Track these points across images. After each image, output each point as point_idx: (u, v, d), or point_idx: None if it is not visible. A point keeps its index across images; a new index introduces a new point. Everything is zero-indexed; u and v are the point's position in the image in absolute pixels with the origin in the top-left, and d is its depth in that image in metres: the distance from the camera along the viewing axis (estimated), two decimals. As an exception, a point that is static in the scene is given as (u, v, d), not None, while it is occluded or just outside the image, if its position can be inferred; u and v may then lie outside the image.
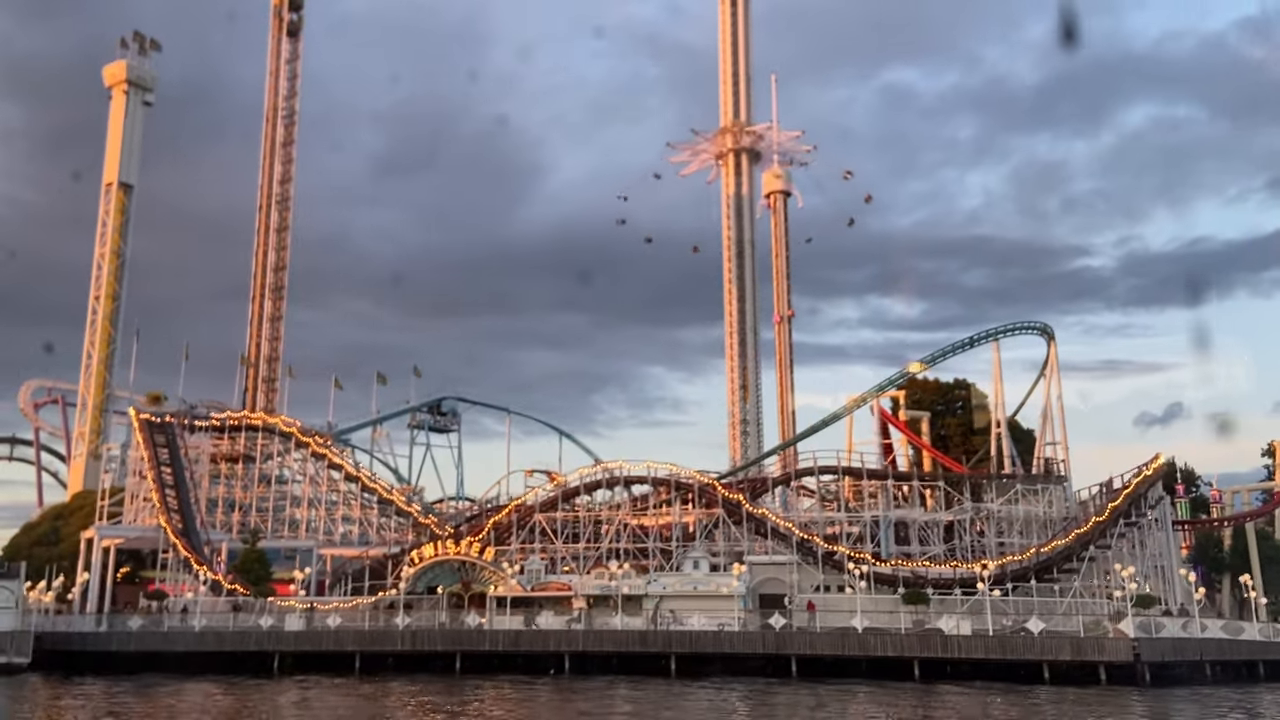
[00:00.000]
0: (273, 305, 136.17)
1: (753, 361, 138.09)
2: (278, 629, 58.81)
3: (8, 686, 51.33)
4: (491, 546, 62.86)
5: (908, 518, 63.29)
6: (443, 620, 57.68)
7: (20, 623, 55.27)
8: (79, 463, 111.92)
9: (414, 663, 56.59)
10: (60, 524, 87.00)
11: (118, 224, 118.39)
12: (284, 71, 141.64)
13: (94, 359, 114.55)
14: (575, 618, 56.84)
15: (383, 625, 58.36)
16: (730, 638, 52.88)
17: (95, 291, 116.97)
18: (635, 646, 53.76)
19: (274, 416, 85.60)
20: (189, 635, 59.44)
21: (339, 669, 56.98)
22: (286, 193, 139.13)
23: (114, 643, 59.62)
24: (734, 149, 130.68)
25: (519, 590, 61.29)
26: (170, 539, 70.65)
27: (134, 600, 74.55)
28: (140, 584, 79.45)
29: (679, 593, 58.98)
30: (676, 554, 63.28)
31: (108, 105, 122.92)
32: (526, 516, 65.53)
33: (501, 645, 55.32)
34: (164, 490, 73.99)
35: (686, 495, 63.46)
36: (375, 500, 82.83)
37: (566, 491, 65.37)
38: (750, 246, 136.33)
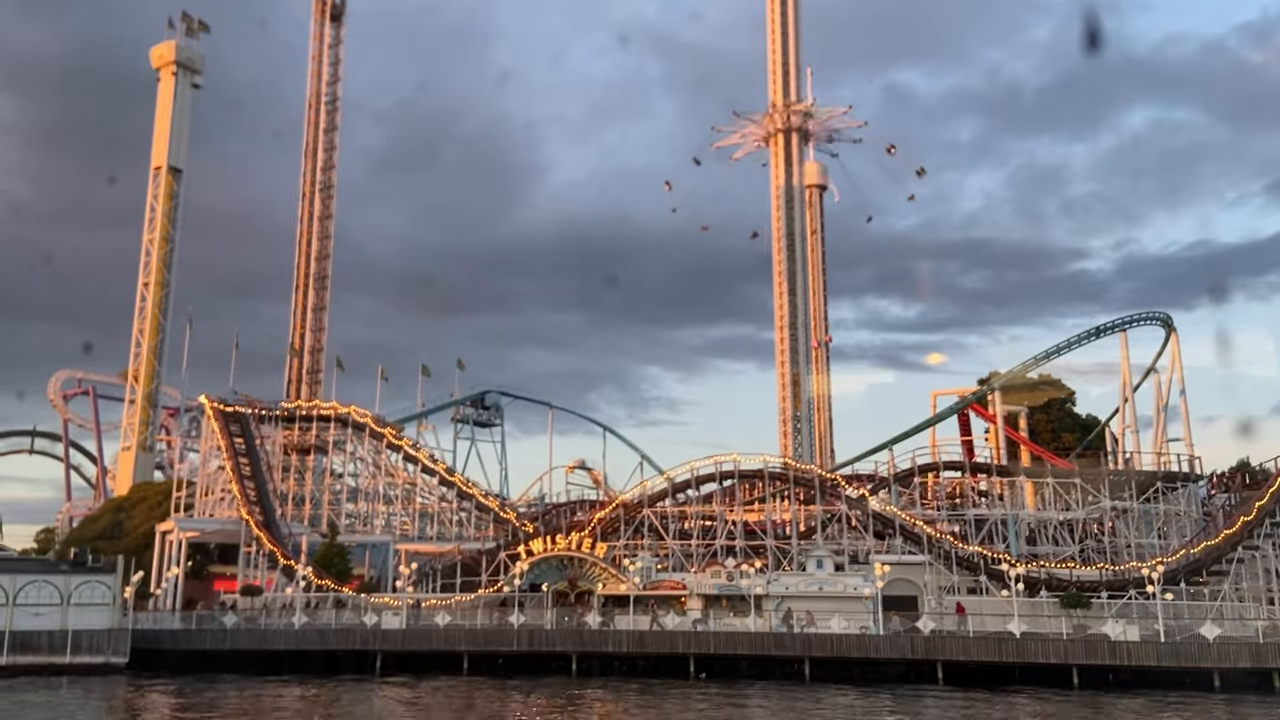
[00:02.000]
0: (316, 295, 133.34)
1: (804, 356, 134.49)
2: (383, 627, 55.91)
3: (107, 687, 48.42)
4: (600, 543, 59.88)
5: (1042, 517, 60.38)
6: (563, 619, 54.72)
7: (118, 620, 52.19)
8: (128, 455, 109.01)
9: (527, 664, 53.72)
10: (123, 516, 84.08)
11: (167, 209, 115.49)
12: (326, 56, 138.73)
13: (143, 347, 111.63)
14: (701, 618, 53.94)
15: (495, 624, 55.45)
16: (875, 641, 49.98)
17: (144, 279, 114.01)
18: (771, 649, 50.86)
19: (345, 406, 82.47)
20: (289, 633, 56.51)
21: (445, 669, 54.12)
22: (330, 180, 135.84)
23: (208, 641, 56.71)
24: (784, 129, 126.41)
25: (632, 588, 58.41)
26: (254, 532, 67.70)
27: (202, 595, 71.72)
28: (207, 579, 76.63)
29: (803, 593, 56.05)
30: (794, 552, 60.30)
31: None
32: (634, 512, 62.57)
33: (626, 646, 52.41)
34: (243, 482, 71.06)
35: (805, 491, 60.54)
36: (455, 494, 79.90)
37: (676, 485, 62.41)
38: (802, 234, 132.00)
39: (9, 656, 48.80)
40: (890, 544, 59.88)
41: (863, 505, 58.91)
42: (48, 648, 49.69)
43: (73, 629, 50.41)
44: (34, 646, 49.43)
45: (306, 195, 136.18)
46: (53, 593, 50.46)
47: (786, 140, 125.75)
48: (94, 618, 51.20)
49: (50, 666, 49.37)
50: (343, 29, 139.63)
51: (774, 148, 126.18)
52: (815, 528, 60.93)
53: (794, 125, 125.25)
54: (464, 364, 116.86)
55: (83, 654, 50.27)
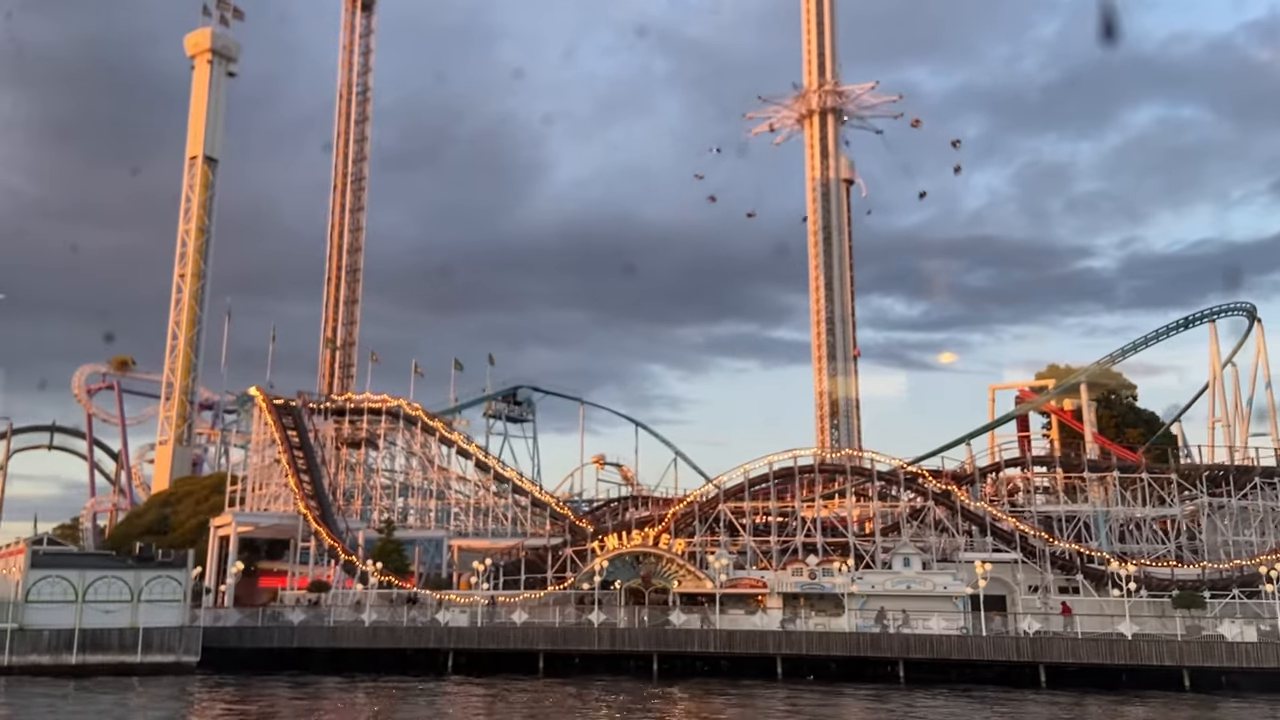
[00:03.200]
0: (348, 289, 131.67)
1: (842, 351, 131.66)
2: (458, 625, 54.15)
3: (178, 687, 46.64)
4: (677, 539, 58.00)
5: (1135, 514, 58.37)
6: (641, 617, 52.89)
7: (189, 617, 50.42)
8: (165, 449, 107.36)
9: (605, 663, 51.94)
10: (169, 511, 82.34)
11: (203, 199, 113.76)
12: (357, 46, 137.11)
13: (180, 339, 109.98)
14: (789, 618, 52.06)
15: (574, 622, 53.63)
16: (977, 643, 48.05)
17: (180, 270, 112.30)
18: (867, 650, 48.96)
19: (396, 399, 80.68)
20: (359, 630, 54.75)
21: (519, 669, 52.36)
22: (361, 171, 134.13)
23: (275, 638, 55.02)
24: (818, 109, 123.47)
25: (709, 586, 56.52)
26: (312, 527, 65.95)
27: (249, 592, 70.02)
28: (254, 575, 74.91)
29: (890, 592, 54.15)
30: (877, 549, 58.36)
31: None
32: (709, 507, 60.67)
33: (714, 646, 50.54)
34: (299, 475, 69.31)
35: (888, 487, 58.59)
36: (510, 489, 78.09)
37: (752, 480, 60.44)
38: (839, 225, 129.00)
39: (80, 656, 47.04)
40: (975, 541, 57.90)
41: (951, 501, 56.96)
42: (118, 646, 47.93)
43: (144, 626, 48.63)
44: (105, 645, 47.67)
45: (338, 187, 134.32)
46: (122, 589, 48.70)
47: (821, 122, 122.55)
48: (165, 615, 49.44)
49: (121, 666, 47.60)
50: (373, 19, 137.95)
51: (809, 129, 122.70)
52: (898, 525, 58.96)
53: (828, 106, 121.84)
54: (494, 359, 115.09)
55: (154, 653, 48.51)
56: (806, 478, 61.97)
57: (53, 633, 46.65)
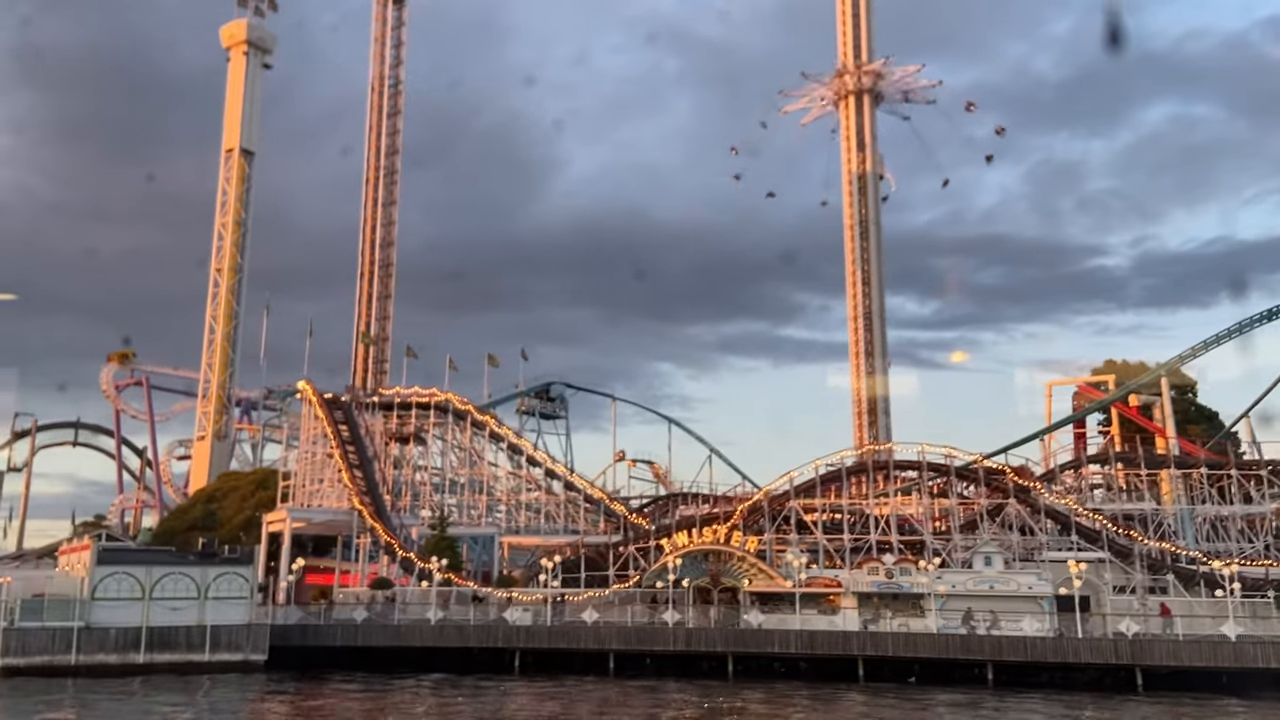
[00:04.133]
0: (381, 284, 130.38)
1: (880, 347, 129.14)
2: (525, 624, 52.70)
3: (249, 686, 45.35)
4: (745, 537, 56.42)
5: (1223, 511, 56.53)
6: (710, 617, 51.35)
7: (256, 615, 49.05)
8: (204, 444, 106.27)
9: (678, 664, 50.37)
10: (214, 507, 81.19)
11: (239, 192, 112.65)
12: (389, 39, 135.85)
13: (217, 334, 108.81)
14: (872, 618, 50.43)
15: (647, 622, 52.11)
16: (1074, 645, 46.30)
17: (216, 264, 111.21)
18: (956, 653, 47.28)
19: (445, 393, 79.23)
20: (424, 629, 53.35)
21: (588, 669, 50.89)
22: (394, 165, 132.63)
23: (338, 636, 53.66)
24: (854, 90, 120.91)
25: (782, 585, 54.93)
26: (368, 523, 64.63)
27: (297, 588, 68.68)
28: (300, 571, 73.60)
29: (972, 592, 52.42)
30: (955, 548, 56.65)
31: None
32: (779, 504, 59.02)
33: (795, 647, 48.94)
34: (352, 471, 67.97)
35: (966, 484, 56.88)
36: (562, 486, 76.58)
37: (824, 476, 58.80)
38: (876, 216, 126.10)
39: (147, 654, 45.73)
40: (1055, 540, 56.13)
41: (1033, 499, 55.23)
42: (185, 644, 46.63)
43: (211, 624, 47.30)
44: (172, 643, 46.35)
45: (370, 181, 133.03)
46: (189, 585, 47.36)
47: (858, 104, 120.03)
48: (231, 612, 48.11)
49: (189, 665, 46.32)
50: (405, 10, 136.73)
51: (844, 111, 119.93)
52: (977, 523, 57.20)
53: (865, 87, 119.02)
54: (527, 355, 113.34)
55: (221, 651, 47.21)
56: (878, 474, 60.34)
57: (119, 631, 45.35)
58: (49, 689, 42.02)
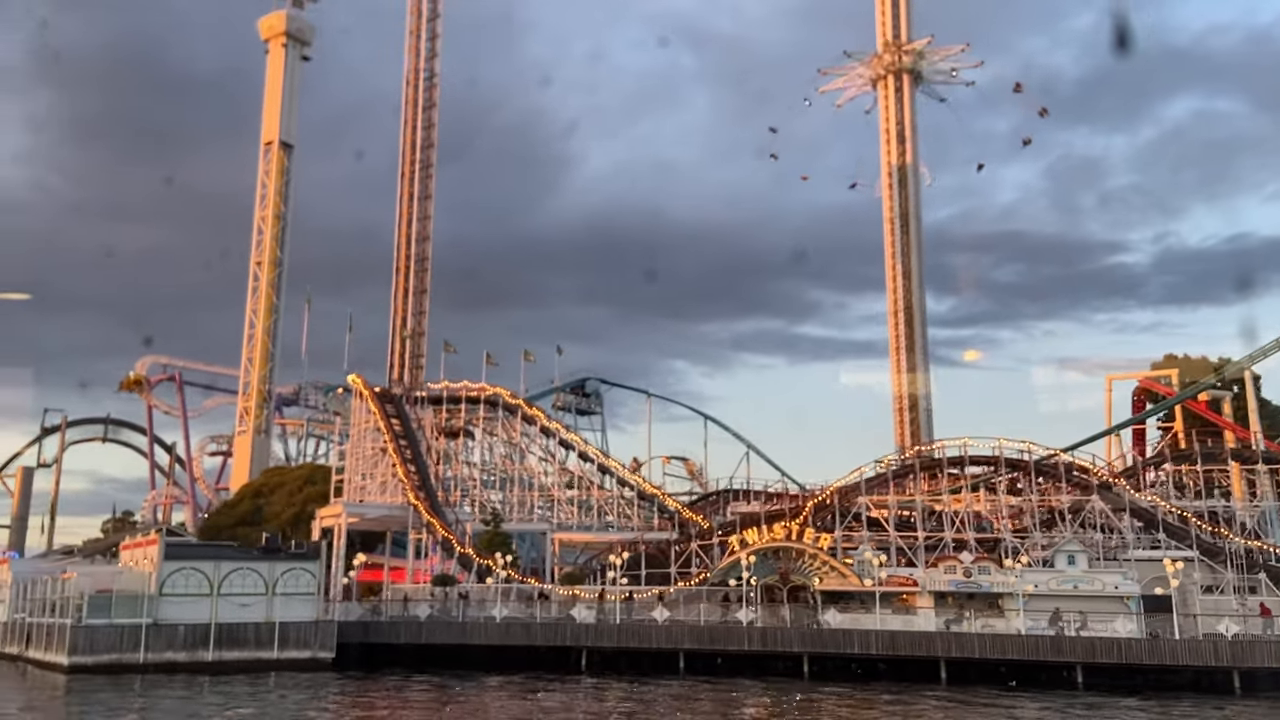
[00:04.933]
0: (417, 279, 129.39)
1: (921, 343, 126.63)
2: (592, 621, 51.40)
3: (321, 685, 44.11)
4: (817, 534, 54.90)
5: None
6: (793, 617, 49.88)
7: (323, 611, 47.91)
8: (245, 439, 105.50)
9: (750, 664, 48.92)
10: (262, 502, 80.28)
11: (279, 185, 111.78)
12: (424, 31, 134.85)
13: (257, 329, 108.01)
14: (955, 619, 48.82)
15: (720, 620, 50.69)
16: (1170, 647, 44.59)
17: (256, 258, 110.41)
18: (1046, 654, 45.64)
19: (494, 387, 78.02)
20: (490, 627, 52.09)
21: (657, 668, 49.49)
22: (429, 159, 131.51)
23: (402, 634, 52.50)
24: (894, 69, 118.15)
25: (856, 583, 53.40)
26: (424, 518, 63.47)
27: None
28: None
29: (1055, 592, 50.75)
30: (1035, 546, 54.97)
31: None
32: (850, 500, 57.49)
33: (875, 648, 47.40)
34: (406, 465, 66.82)
35: (1046, 481, 55.23)
36: (615, 482, 75.27)
37: (896, 472, 57.25)
38: (916, 206, 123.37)
39: (216, 652, 44.65)
40: (1137, 539, 54.37)
41: (1117, 496, 53.48)
42: (254, 641, 45.54)
43: (279, 621, 46.19)
44: (241, 640, 45.28)
45: (405, 175, 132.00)
46: (257, 581, 46.27)
47: (897, 83, 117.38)
48: (299, 608, 47.02)
49: (258, 662, 45.22)
50: (440, 2, 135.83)
51: (883, 91, 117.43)
52: (1054, 520, 55.50)
53: (904, 66, 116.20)
54: (562, 350, 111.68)
55: (290, 648, 46.13)
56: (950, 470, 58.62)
57: (188, 628, 44.31)
58: (118, 688, 40.99)
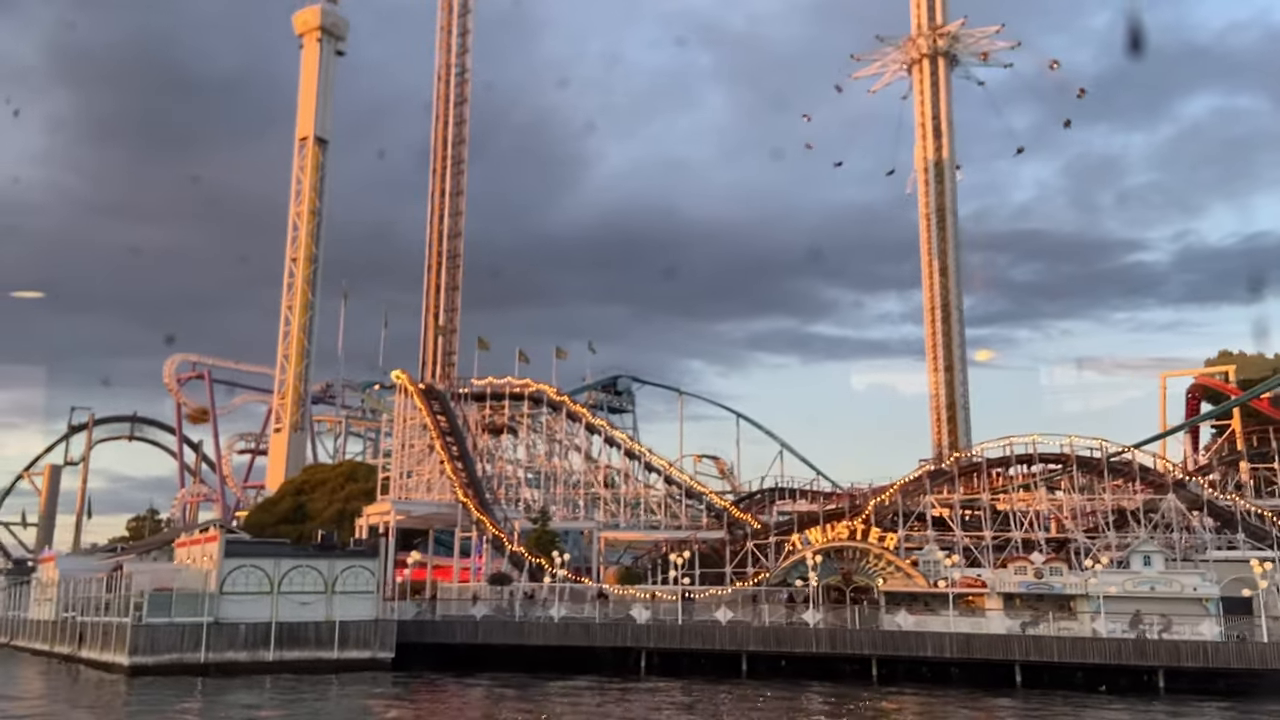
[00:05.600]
0: (449, 275, 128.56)
1: (958, 340, 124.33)
2: (655, 621, 50.22)
3: (383, 686, 43.08)
4: (885, 533, 53.56)
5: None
6: (861, 618, 48.51)
7: (383, 610, 46.88)
8: (281, 436, 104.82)
9: (816, 667, 47.60)
10: (304, 500, 79.41)
11: (314, 181, 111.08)
12: (455, 26, 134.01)
13: (293, 325, 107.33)
14: (1031, 621, 47.38)
15: (786, 622, 49.40)
16: (1259, 650, 43.00)
17: (291, 254, 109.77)
18: (1129, 658, 44.12)
19: (538, 383, 76.93)
20: (548, 627, 50.96)
21: (719, 671, 48.23)
22: (461, 155, 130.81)
23: (457, 634, 51.40)
24: (929, 53, 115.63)
25: (923, 584, 52.04)
26: (474, 515, 62.42)
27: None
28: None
29: (1131, 594, 49.21)
30: (1104, 546, 53.44)
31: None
32: (914, 499, 56.11)
33: (949, 651, 45.99)
34: (454, 462, 65.84)
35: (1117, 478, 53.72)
36: (662, 480, 74.07)
37: (962, 469, 55.80)
38: (953, 201, 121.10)
39: (277, 651, 43.65)
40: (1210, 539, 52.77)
41: (1193, 495, 51.92)
42: (314, 641, 44.54)
43: (339, 620, 45.16)
44: (301, 640, 44.29)
45: (437, 171, 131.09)
46: (316, 579, 45.26)
47: (932, 67, 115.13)
48: (358, 607, 45.99)
49: (318, 662, 44.21)
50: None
51: (918, 76, 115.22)
52: (1128, 520, 53.94)
53: (940, 49, 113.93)
54: (595, 348, 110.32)
55: (350, 648, 45.10)
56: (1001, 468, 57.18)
57: (249, 626, 43.31)
58: (180, 688, 40.06)
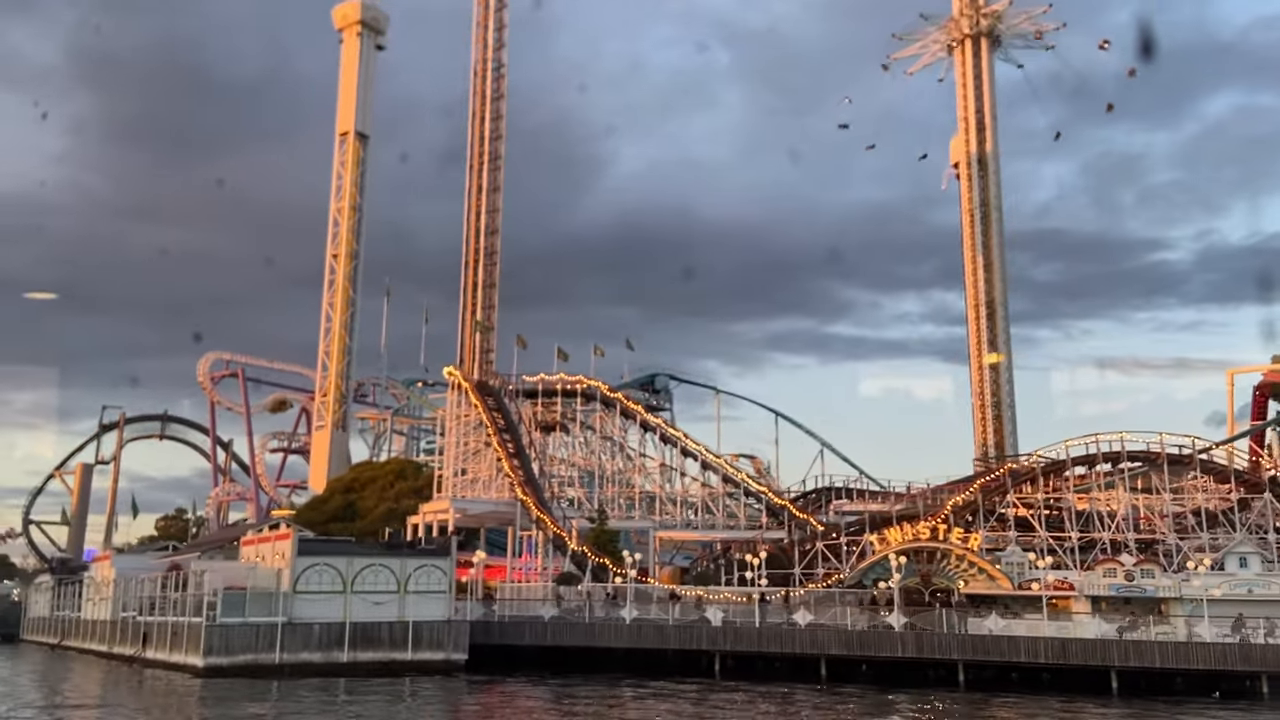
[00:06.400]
0: (485, 272, 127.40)
1: (1004, 338, 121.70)
2: (731, 625, 48.63)
3: (454, 690, 41.64)
4: (969, 533, 51.78)
5: None
6: (949, 621, 46.76)
7: (454, 611, 45.48)
8: (323, 434, 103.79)
9: (898, 672, 45.95)
10: (353, 497, 78.28)
11: (355, 176, 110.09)
12: (492, 21, 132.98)
13: (335, 322, 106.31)
14: (1130, 625, 45.51)
15: (870, 625, 47.70)
16: (1378, 657, 41.09)
17: (332, 250, 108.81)
18: (1234, 663, 42.22)
19: (591, 379, 75.43)
20: (620, 628, 49.45)
21: (795, 675, 46.52)
22: (498, 150, 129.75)
23: (526, 635, 49.99)
24: (971, 33, 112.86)
25: (1007, 587, 50.28)
26: (533, 514, 61.07)
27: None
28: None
29: (1228, 596, 47.38)
30: (1196, 546, 51.49)
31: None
32: (994, 498, 54.27)
33: (1044, 656, 44.17)
34: (512, 461, 64.47)
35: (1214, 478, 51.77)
36: (720, 478, 72.43)
37: (1047, 468, 53.94)
38: (998, 195, 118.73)
39: (351, 652, 42.31)
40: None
41: (1292, 494, 50.01)
42: (389, 642, 43.18)
43: (412, 620, 43.79)
44: (375, 640, 42.96)
45: (474, 167, 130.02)
46: (389, 578, 43.92)
47: (975, 48, 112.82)
48: (431, 607, 44.62)
49: (392, 664, 42.87)
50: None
51: (959, 58, 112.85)
52: (1220, 520, 51.99)
53: (983, 30, 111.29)
54: (632, 344, 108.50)
55: (423, 649, 43.74)
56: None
57: (323, 626, 42.00)
58: (256, 690, 38.77)
